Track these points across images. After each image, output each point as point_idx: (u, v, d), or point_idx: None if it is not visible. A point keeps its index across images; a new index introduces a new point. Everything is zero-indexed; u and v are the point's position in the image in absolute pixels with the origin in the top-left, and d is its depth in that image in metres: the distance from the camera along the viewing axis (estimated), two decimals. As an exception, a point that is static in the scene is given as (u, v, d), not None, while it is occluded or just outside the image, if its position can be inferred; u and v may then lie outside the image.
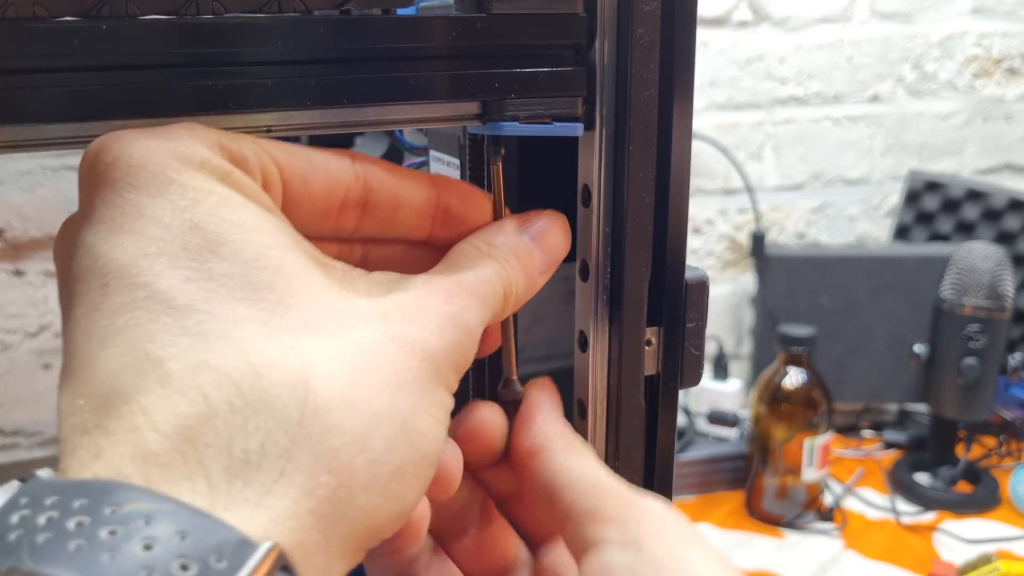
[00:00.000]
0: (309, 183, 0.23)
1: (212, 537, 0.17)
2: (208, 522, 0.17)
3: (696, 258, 1.21)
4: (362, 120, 0.25)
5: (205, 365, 0.19)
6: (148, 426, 0.18)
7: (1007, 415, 1.09)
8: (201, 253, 0.20)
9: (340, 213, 0.25)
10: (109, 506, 0.17)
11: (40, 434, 0.96)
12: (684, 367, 0.31)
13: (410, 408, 0.21)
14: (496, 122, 0.27)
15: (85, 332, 0.19)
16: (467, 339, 0.23)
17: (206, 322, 0.19)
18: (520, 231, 0.27)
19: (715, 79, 1.16)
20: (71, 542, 0.16)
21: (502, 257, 0.26)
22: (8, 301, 0.91)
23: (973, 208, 1.18)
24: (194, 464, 0.18)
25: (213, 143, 0.21)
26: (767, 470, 0.97)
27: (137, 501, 0.17)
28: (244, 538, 0.17)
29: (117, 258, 0.19)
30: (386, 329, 0.21)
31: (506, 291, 0.25)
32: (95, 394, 0.19)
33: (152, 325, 0.19)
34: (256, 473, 0.18)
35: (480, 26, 0.25)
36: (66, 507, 0.17)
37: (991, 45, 1.28)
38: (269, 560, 0.17)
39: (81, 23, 0.21)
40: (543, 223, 0.27)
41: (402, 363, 0.21)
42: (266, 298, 0.20)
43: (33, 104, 0.21)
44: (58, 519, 0.16)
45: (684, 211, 0.29)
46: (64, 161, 0.91)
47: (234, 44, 0.22)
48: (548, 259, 0.27)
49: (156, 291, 0.19)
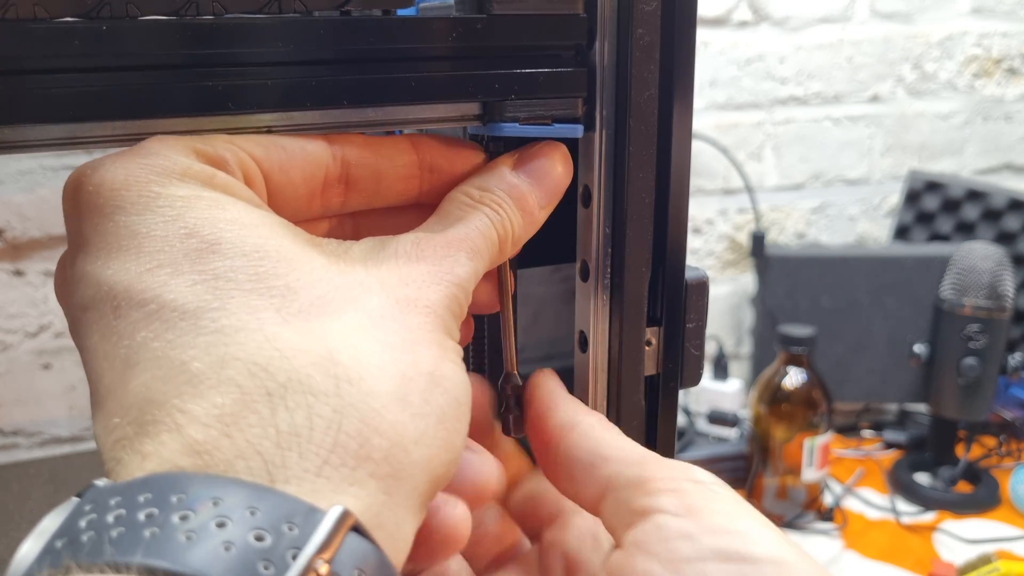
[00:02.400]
0: (288, 171, 0.24)
1: (280, 508, 0.17)
2: (274, 495, 0.17)
3: (696, 258, 1.21)
4: (362, 120, 0.25)
5: (230, 358, 0.19)
6: (189, 422, 0.18)
7: (1007, 415, 1.09)
8: (201, 256, 0.20)
9: (324, 193, 0.25)
10: (175, 494, 0.17)
11: (40, 434, 0.96)
12: (684, 367, 0.31)
13: (432, 359, 0.21)
14: (496, 123, 0.27)
15: (106, 357, 0.20)
16: (460, 291, 0.24)
17: (221, 318, 0.19)
18: (515, 171, 0.27)
19: (715, 79, 1.16)
20: (146, 531, 0.16)
21: (494, 202, 0.26)
22: (8, 301, 0.91)
23: (973, 208, 1.18)
24: (243, 444, 0.18)
25: (189, 150, 0.22)
26: (767, 470, 0.97)
27: (200, 486, 0.17)
28: (311, 506, 0.18)
29: (121, 280, 0.20)
30: (388, 294, 0.22)
31: (501, 236, 0.26)
32: (129, 410, 0.19)
33: (170, 334, 0.19)
34: (308, 444, 0.18)
35: (480, 27, 0.25)
36: (132, 503, 0.17)
37: (991, 45, 1.28)
38: (339, 523, 0.17)
39: (81, 24, 0.21)
40: (540, 158, 0.27)
41: (411, 321, 0.22)
42: (273, 285, 0.20)
43: (34, 105, 0.21)
44: (127, 515, 0.17)
45: (684, 211, 0.29)
46: (64, 161, 0.91)
47: (234, 45, 0.22)
48: (548, 193, 0.27)
49: (166, 301, 0.19)
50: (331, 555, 0.17)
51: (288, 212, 0.24)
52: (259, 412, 0.18)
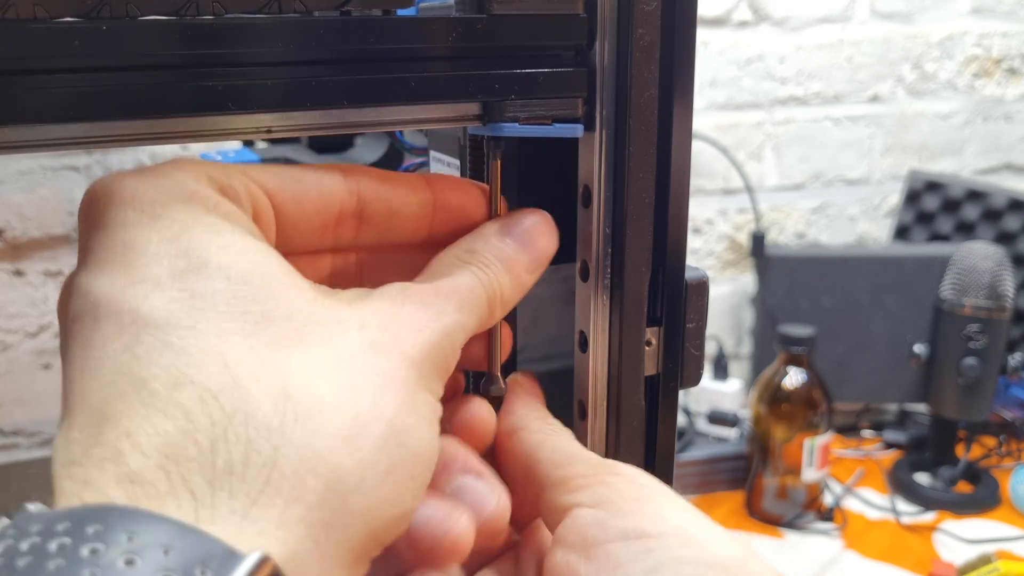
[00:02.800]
0: (302, 203, 0.24)
1: (197, 550, 0.17)
2: (193, 535, 0.17)
3: (696, 258, 1.21)
4: (362, 121, 0.25)
5: (186, 381, 0.19)
6: (131, 448, 0.18)
7: (1007, 415, 1.09)
8: (185, 275, 0.20)
9: (337, 226, 0.25)
10: (93, 525, 0.16)
11: (40, 434, 0.96)
12: (684, 367, 0.31)
13: (395, 407, 0.21)
14: (496, 123, 0.27)
15: (80, 367, 0.20)
16: (446, 341, 0.23)
17: (188, 336, 0.19)
18: (502, 234, 0.27)
19: (715, 79, 1.16)
20: (51, 562, 0.16)
21: (482, 262, 0.26)
22: (8, 301, 0.91)
23: (973, 208, 1.18)
24: (177, 480, 0.18)
25: (201, 176, 0.22)
26: (767, 470, 0.97)
27: (120, 519, 0.17)
28: (230, 549, 0.17)
29: (106, 292, 0.20)
30: (364, 336, 0.22)
31: (489, 295, 0.25)
32: (88, 425, 0.19)
33: (138, 347, 0.19)
34: (241, 483, 0.18)
35: (480, 27, 0.25)
36: (49, 532, 0.16)
37: (991, 45, 1.28)
38: (255, 569, 0.17)
39: (81, 24, 0.21)
40: (527, 223, 0.27)
41: (382, 366, 0.21)
42: (249, 310, 0.20)
43: (34, 105, 0.21)
44: (40, 543, 0.16)
45: (684, 211, 0.29)
46: (64, 161, 0.91)
47: (234, 45, 0.22)
48: (534, 258, 0.27)
49: (141, 314, 0.19)
50: None
51: (299, 243, 0.24)
52: (199, 445, 0.18)
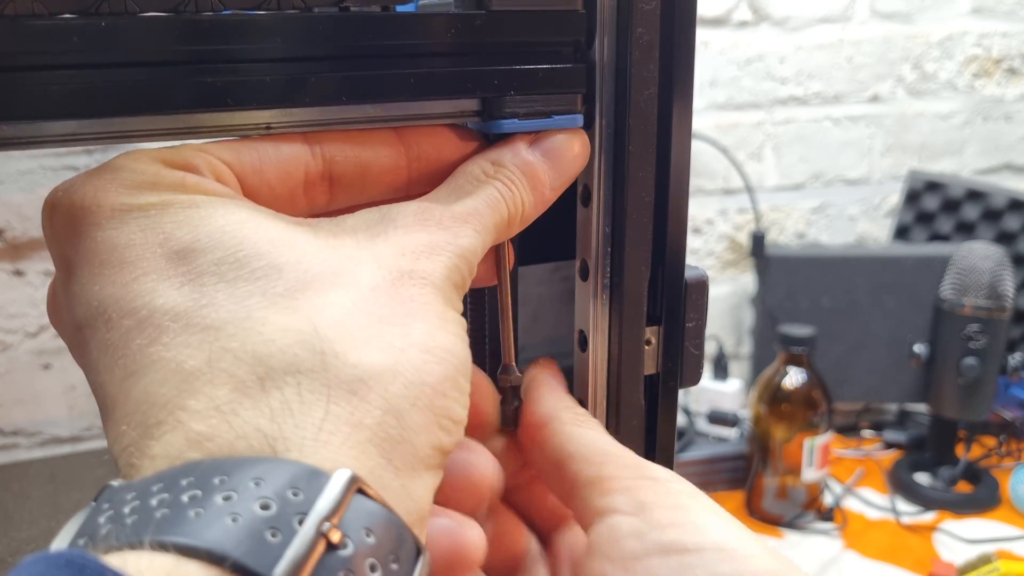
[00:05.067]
0: (263, 173, 0.24)
1: (284, 475, 0.18)
2: (276, 463, 0.18)
3: (696, 258, 1.21)
4: (361, 117, 0.25)
5: (222, 351, 0.19)
6: (190, 418, 0.19)
7: (1007, 415, 1.09)
8: (182, 257, 0.20)
9: (308, 192, 0.25)
10: (184, 478, 0.18)
11: (40, 434, 0.96)
12: (684, 367, 0.31)
13: (425, 330, 0.21)
14: (496, 119, 0.26)
15: (107, 369, 0.20)
16: (463, 262, 0.24)
17: (210, 314, 0.20)
18: (531, 148, 0.27)
19: (715, 79, 1.16)
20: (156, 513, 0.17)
21: (507, 178, 0.26)
22: (8, 301, 0.91)
23: (973, 208, 1.18)
24: (242, 426, 0.19)
25: (156, 160, 0.22)
26: (767, 470, 0.97)
27: (207, 468, 0.18)
28: (313, 469, 0.18)
29: (109, 294, 0.20)
30: (381, 266, 0.22)
31: (511, 213, 0.25)
32: (133, 416, 0.19)
33: (164, 337, 0.20)
34: (304, 417, 0.19)
35: (480, 23, 0.25)
36: (146, 493, 0.18)
37: (991, 45, 1.28)
38: (345, 485, 0.18)
39: (80, 20, 0.21)
40: (557, 139, 0.27)
41: (405, 293, 0.22)
42: (256, 267, 0.20)
43: (32, 101, 0.21)
44: (140, 504, 0.17)
45: (684, 211, 0.29)
46: (64, 161, 0.91)
47: (233, 41, 0.22)
48: (561, 175, 0.27)
49: (156, 307, 0.20)
50: (339, 518, 0.18)
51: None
52: (252, 396, 0.19)
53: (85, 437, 0.98)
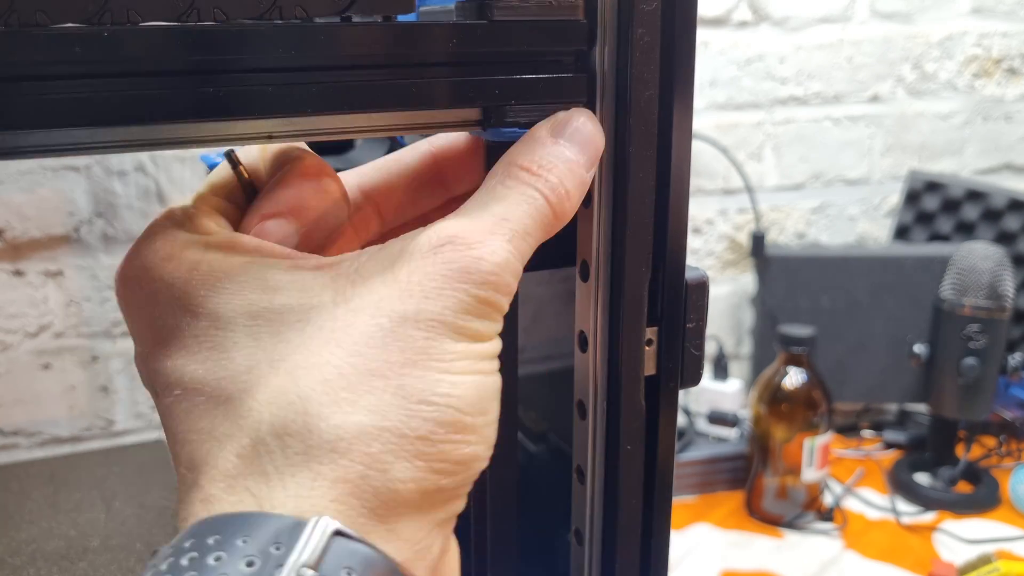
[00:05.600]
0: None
1: (268, 531, 0.19)
2: (262, 520, 0.19)
3: (696, 258, 1.21)
4: (363, 126, 0.25)
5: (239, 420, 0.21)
6: (207, 481, 0.21)
7: (1007, 415, 1.09)
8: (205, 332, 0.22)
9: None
10: (187, 540, 0.19)
11: (40, 434, 0.96)
12: (684, 367, 0.31)
13: (421, 378, 0.21)
14: (497, 128, 0.27)
15: (172, 434, 0.23)
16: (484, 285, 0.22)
17: (228, 387, 0.22)
18: (555, 139, 0.26)
19: (715, 79, 1.16)
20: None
21: (545, 171, 0.25)
22: (8, 301, 0.91)
23: (973, 208, 1.18)
24: (241, 491, 0.21)
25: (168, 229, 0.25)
26: (767, 470, 0.97)
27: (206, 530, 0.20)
28: (297, 521, 0.19)
29: (160, 371, 0.23)
30: (381, 314, 0.22)
31: (555, 207, 0.25)
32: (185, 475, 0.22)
33: (196, 410, 0.22)
34: (291, 479, 0.20)
35: (481, 33, 0.25)
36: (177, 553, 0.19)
37: (991, 45, 1.28)
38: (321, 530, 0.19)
39: (83, 29, 0.21)
40: (577, 123, 0.26)
41: (405, 339, 0.21)
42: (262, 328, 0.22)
43: (35, 110, 0.21)
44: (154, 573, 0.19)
45: (684, 211, 0.29)
46: (64, 161, 0.91)
47: (235, 51, 0.22)
48: (590, 156, 0.26)
49: (187, 384, 0.22)
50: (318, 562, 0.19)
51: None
52: (251, 462, 0.21)
53: (85, 437, 0.98)
